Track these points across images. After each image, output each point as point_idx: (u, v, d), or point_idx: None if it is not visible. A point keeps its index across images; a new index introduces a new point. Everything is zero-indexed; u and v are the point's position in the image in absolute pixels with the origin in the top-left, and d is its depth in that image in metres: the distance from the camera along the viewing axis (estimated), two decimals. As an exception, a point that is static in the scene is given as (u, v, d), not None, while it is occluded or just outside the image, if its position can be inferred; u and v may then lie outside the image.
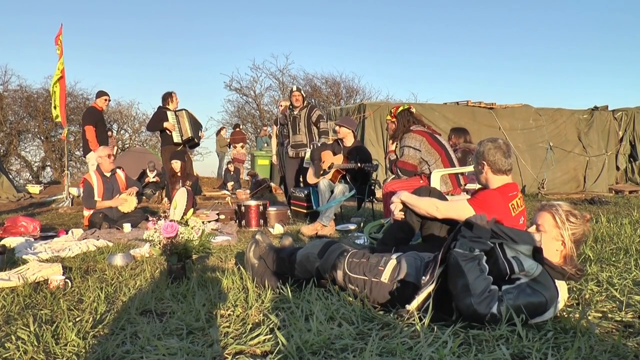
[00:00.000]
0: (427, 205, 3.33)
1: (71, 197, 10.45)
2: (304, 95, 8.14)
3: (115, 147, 16.90)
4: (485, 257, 2.29)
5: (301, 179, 7.97)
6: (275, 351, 2.06)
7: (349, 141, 6.68)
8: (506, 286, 2.24)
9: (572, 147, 12.73)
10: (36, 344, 2.23)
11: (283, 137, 8.42)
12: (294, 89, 8.16)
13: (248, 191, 12.01)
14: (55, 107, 10.40)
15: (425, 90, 51.31)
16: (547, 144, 12.37)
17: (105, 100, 9.23)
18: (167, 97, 8.55)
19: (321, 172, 6.66)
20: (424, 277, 2.46)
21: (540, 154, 12.31)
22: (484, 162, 3.30)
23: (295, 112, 8.11)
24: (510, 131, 12.00)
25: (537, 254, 2.32)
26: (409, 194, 3.48)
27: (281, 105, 8.33)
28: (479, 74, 42.86)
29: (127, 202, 6.78)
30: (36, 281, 3.40)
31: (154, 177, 12.22)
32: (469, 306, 2.18)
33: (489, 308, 2.16)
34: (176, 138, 8.46)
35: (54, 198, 11.59)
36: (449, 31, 41.77)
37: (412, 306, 2.34)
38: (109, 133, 18.18)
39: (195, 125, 8.74)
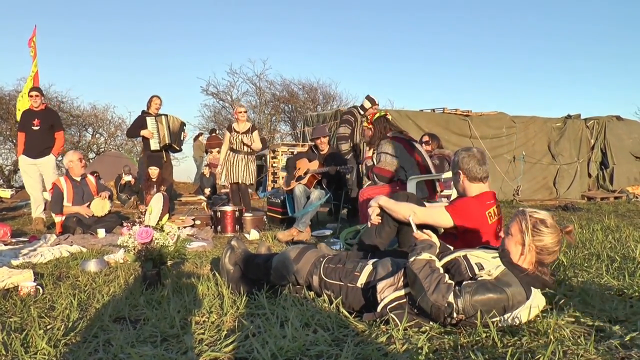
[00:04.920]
0: (404, 211, 3.34)
1: (44, 201, 10.24)
2: None
3: None
4: (437, 260, 2.45)
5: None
6: (250, 358, 2.04)
7: (325, 148, 6.77)
8: (467, 282, 2.33)
9: (540, 157, 12.89)
10: (4, 352, 2.18)
11: None
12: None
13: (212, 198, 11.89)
14: (19, 110, 9.89)
15: (402, 97, 51.71)
16: (511, 155, 12.51)
17: (33, 96, 7.67)
18: (148, 101, 8.44)
19: (296, 178, 6.67)
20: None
21: (503, 166, 12.38)
22: (460, 171, 3.35)
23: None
24: (481, 140, 12.06)
25: (502, 258, 2.45)
26: (387, 198, 3.50)
27: (241, 112, 8.03)
28: (457, 82, 43.36)
29: (100, 205, 6.69)
30: (5, 288, 3.32)
31: (129, 178, 12.07)
32: (425, 300, 2.28)
33: (445, 299, 2.25)
34: (153, 145, 8.30)
35: (25, 202, 11.36)
36: (427, 38, 42.19)
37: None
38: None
39: (176, 132, 8.59)
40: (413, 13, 41.04)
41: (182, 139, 8.74)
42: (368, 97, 7.99)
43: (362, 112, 7.89)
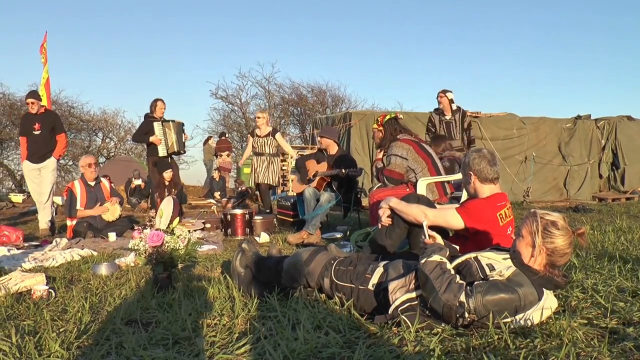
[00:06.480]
0: (415, 213, 3.33)
1: (55, 206, 10.29)
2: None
3: None
4: (448, 262, 2.45)
5: None
6: (262, 360, 2.04)
7: (333, 150, 6.77)
8: (478, 282, 2.32)
9: (551, 158, 12.79)
10: (18, 355, 2.19)
11: None
12: (440, 92, 7.84)
13: (231, 201, 11.96)
14: None
15: (412, 99, 51.65)
16: (522, 156, 12.44)
17: (29, 103, 7.43)
18: (152, 105, 8.40)
19: (306, 180, 6.68)
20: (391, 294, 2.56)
21: (513, 167, 12.30)
22: (471, 172, 3.32)
23: (447, 117, 7.82)
24: (491, 141, 11.99)
25: (513, 259, 2.43)
26: (398, 200, 3.49)
27: (258, 118, 8.16)
28: (466, 82, 43.23)
29: (109, 210, 6.73)
30: (19, 291, 3.35)
31: (139, 182, 12.13)
32: (437, 300, 2.27)
33: (456, 298, 2.24)
34: (162, 152, 8.27)
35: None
36: (435, 39, 42.11)
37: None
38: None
39: (182, 136, 8.59)
40: (421, 14, 40.99)
41: (184, 141, 8.75)
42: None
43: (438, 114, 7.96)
